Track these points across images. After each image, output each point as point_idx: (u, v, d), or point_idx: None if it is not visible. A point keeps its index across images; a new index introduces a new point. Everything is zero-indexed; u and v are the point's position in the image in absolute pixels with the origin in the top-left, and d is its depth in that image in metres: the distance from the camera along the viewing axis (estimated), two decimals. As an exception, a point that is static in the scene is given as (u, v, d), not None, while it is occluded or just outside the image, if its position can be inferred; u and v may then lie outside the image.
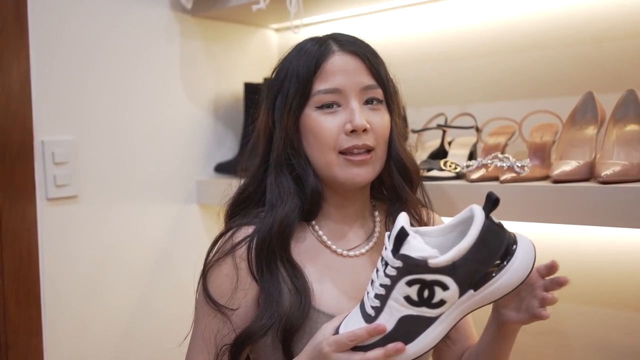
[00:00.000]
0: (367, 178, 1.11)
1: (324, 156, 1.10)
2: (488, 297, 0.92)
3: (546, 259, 1.51)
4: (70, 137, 1.58)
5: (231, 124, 1.96)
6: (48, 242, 1.53)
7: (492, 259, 0.91)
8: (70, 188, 1.57)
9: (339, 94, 1.09)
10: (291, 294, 1.07)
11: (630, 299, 1.41)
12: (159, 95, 1.78)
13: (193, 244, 1.85)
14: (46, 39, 1.53)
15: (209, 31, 1.89)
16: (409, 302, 0.90)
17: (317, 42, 1.13)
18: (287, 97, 1.11)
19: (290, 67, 1.12)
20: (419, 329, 0.91)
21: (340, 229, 1.17)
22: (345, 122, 1.08)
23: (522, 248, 0.93)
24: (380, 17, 1.82)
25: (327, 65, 1.09)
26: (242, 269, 1.10)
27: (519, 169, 1.29)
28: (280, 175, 1.12)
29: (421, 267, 0.88)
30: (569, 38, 1.50)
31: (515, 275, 0.92)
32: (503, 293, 0.92)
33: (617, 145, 1.23)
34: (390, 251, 0.91)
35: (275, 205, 1.11)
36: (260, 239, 1.09)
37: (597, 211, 1.13)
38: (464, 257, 0.88)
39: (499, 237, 0.92)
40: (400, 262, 0.89)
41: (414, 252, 0.88)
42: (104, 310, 1.65)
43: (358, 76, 1.10)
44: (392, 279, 0.90)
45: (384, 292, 0.91)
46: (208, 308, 1.10)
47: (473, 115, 1.56)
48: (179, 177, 1.83)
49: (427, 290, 0.89)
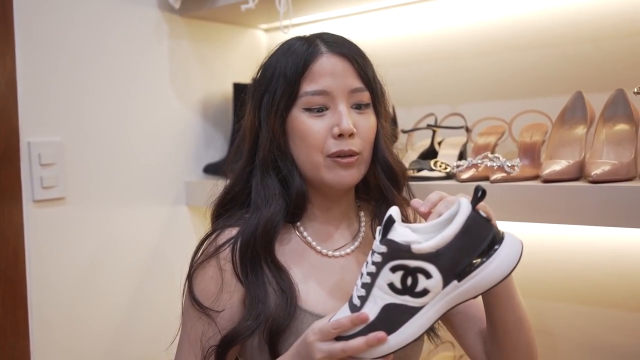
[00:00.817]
0: (353, 180, 1.11)
1: (311, 158, 1.09)
2: (471, 289, 0.91)
3: (536, 258, 1.51)
4: (57, 138, 1.56)
5: (220, 125, 1.95)
6: (35, 245, 1.52)
7: (475, 250, 0.90)
8: (57, 190, 1.56)
9: (327, 95, 1.08)
10: (277, 295, 1.07)
11: (620, 298, 1.42)
12: (147, 96, 1.77)
13: (182, 245, 1.83)
14: (32, 40, 1.52)
15: (197, 31, 1.88)
16: (393, 290, 0.90)
17: (305, 42, 1.12)
18: (274, 98, 1.10)
19: (278, 66, 1.10)
20: (402, 319, 0.91)
21: (325, 229, 1.16)
22: (333, 125, 1.08)
23: (509, 244, 0.92)
24: (370, 17, 1.82)
25: (315, 66, 1.09)
26: (227, 271, 1.09)
27: (509, 169, 1.29)
28: (266, 177, 1.12)
29: (404, 252, 0.88)
30: (558, 38, 1.51)
31: (499, 270, 0.91)
32: (486, 287, 0.91)
33: (607, 145, 1.23)
34: (379, 240, 0.91)
35: (260, 207, 1.11)
36: (244, 240, 1.09)
37: (587, 210, 1.13)
38: (447, 245, 0.88)
39: (484, 229, 0.91)
40: (385, 247, 0.89)
41: (398, 238, 0.89)
42: (91, 312, 1.63)
43: (346, 78, 1.09)
44: (377, 266, 0.90)
45: (370, 280, 0.91)
46: (194, 310, 1.10)
47: (463, 115, 1.56)
48: (168, 178, 1.82)
49: (410, 278, 0.89)
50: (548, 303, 1.52)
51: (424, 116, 1.62)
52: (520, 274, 1.54)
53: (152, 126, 1.77)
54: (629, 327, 1.41)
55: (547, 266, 1.51)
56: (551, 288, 1.52)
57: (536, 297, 1.53)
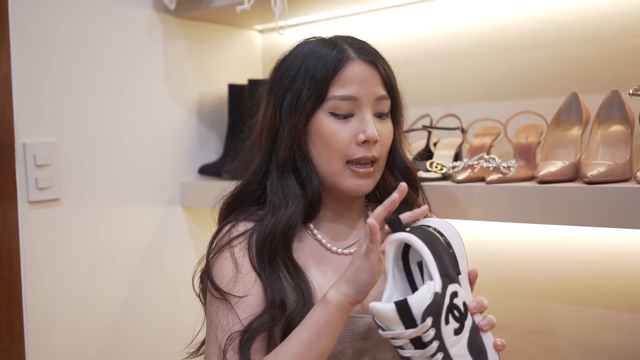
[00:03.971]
0: (369, 189, 1.13)
1: (331, 164, 1.10)
2: (465, 267, 0.99)
3: (532, 258, 1.52)
4: (52, 139, 1.56)
5: (215, 126, 1.95)
6: (30, 246, 1.51)
7: (442, 244, 0.97)
8: (52, 191, 1.55)
9: (355, 101, 1.09)
10: (294, 293, 1.07)
11: (615, 298, 1.42)
12: (142, 96, 1.76)
13: (178, 246, 1.83)
14: (27, 40, 1.51)
15: (192, 32, 1.88)
16: (457, 332, 0.91)
17: (332, 45, 1.12)
18: (300, 98, 1.10)
19: (304, 66, 1.10)
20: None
21: (335, 228, 1.18)
22: (358, 131, 1.09)
23: (432, 221, 1.01)
24: (365, 18, 1.82)
25: (346, 71, 1.09)
26: (245, 263, 1.10)
27: (505, 170, 1.29)
28: (285, 176, 1.12)
29: (440, 300, 0.89)
30: (553, 39, 1.51)
31: (457, 241, 0.99)
32: (465, 255, 0.99)
33: (602, 146, 1.24)
34: (411, 327, 0.89)
35: (277, 207, 1.11)
36: (262, 237, 1.10)
37: (583, 211, 1.14)
38: (438, 264, 0.92)
39: (426, 231, 0.98)
40: (430, 318, 0.88)
41: (427, 300, 0.89)
42: (87, 313, 1.63)
43: (373, 86, 1.11)
44: (436, 334, 0.89)
45: (443, 354, 0.90)
46: (217, 301, 1.09)
47: (458, 116, 1.57)
48: (163, 179, 1.82)
49: (454, 310, 0.91)
50: (543, 303, 1.53)
51: (419, 117, 1.62)
52: (516, 275, 1.55)
53: (147, 127, 1.77)
54: (624, 328, 1.41)
55: (543, 267, 1.52)
56: (546, 288, 1.52)
57: (531, 298, 1.53)
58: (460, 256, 0.98)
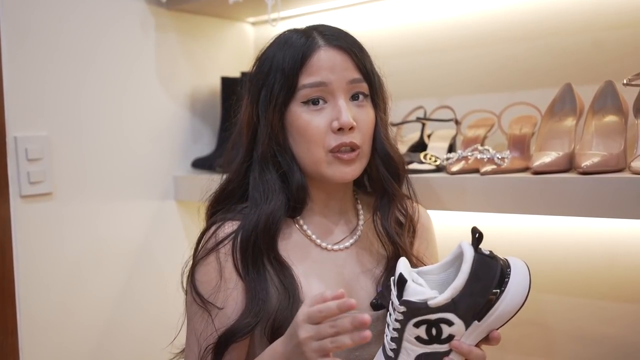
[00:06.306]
0: (354, 175, 1.11)
1: (312, 154, 1.09)
2: (493, 324, 0.97)
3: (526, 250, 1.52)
4: (43, 132, 1.54)
5: (208, 119, 1.94)
6: (22, 240, 1.50)
7: (488, 289, 0.95)
8: (45, 185, 1.54)
9: (325, 88, 1.08)
10: (279, 292, 1.06)
11: (609, 289, 1.42)
12: (135, 89, 1.75)
13: (171, 240, 1.83)
14: (18, 33, 1.50)
15: (184, 25, 1.87)
16: (421, 342, 0.95)
17: (302, 34, 1.11)
18: (272, 92, 1.09)
19: (275, 60, 1.10)
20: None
21: (325, 223, 1.16)
22: (332, 119, 1.08)
23: (516, 272, 0.98)
24: (357, 10, 1.81)
25: (313, 59, 1.08)
26: (227, 267, 1.09)
27: (499, 161, 1.29)
28: (265, 171, 1.11)
29: (423, 309, 0.93)
30: (547, 30, 1.51)
31: (514, 300, 0.96)
32: (506, 318, 0.97)
33: (596, 136, 1.23)
34: (395, 296, 0.96)
35: (258, 202, 1.10)
36: (245, 236, 1.09)
37: (577, 202, 1.14)
38: (461, 293, 0.93)
39: (491, 268, 0.96)
40: (404, 307, 0.94)
41: (414, 296, 0.93)
42: (80, 308, 1.62)
43: (344, 71, 1.10)
44: (401, 323, 0.95)
45: (397, 335, 0.96)
46: (196, 306, 1.09)
47: (452, 108, 1.56)
48: (156, 173, 1.81)
49: (434, 329, 0.94)
50: (537, 294, 1.52)
51: (412, 109, 1.62)
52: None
53: (139, 120, 1.76)
54: (619, 319, 1.41)
55: (537, 258, 1.51)
56: (541, 280, 1.51)
57: (526, 289, 1.53)
58: (498, 315, 0.96)
